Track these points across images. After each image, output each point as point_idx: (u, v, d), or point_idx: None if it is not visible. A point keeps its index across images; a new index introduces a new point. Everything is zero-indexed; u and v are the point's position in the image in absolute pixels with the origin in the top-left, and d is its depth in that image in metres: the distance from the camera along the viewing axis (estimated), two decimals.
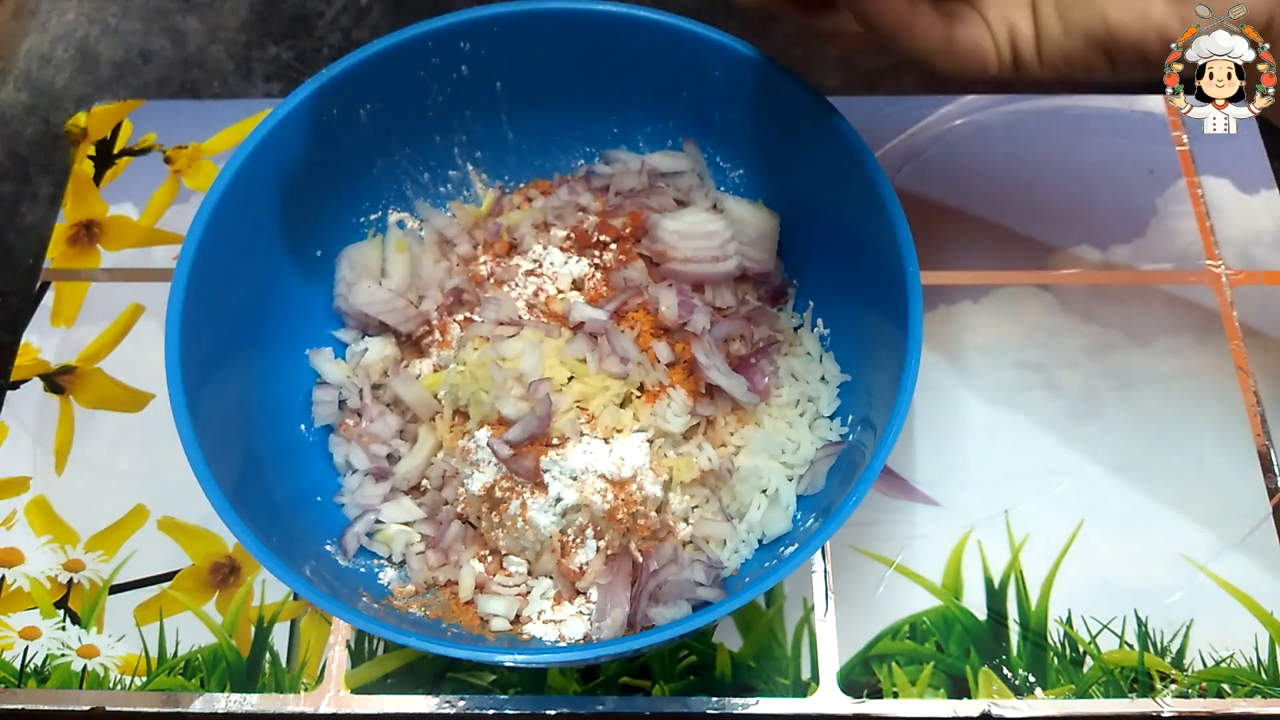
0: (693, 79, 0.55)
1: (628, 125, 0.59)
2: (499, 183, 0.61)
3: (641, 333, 0.54)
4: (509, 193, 0.61)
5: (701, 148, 0.59)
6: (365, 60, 0.52)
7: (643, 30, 0.53)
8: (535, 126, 0.59)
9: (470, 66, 0.55)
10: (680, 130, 0.59)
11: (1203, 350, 0.62)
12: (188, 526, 0.58)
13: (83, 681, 0.54)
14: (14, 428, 0.61)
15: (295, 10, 0.77)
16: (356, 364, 0.56)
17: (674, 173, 0.59)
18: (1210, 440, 0.59)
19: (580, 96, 0.57)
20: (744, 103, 0.55)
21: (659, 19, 0.53)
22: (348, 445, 0.55)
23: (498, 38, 0.54)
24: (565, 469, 0.50)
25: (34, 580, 0.57)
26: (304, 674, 0.54)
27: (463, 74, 0.55)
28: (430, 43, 0.53)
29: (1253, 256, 0.65)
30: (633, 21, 0.53)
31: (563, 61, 0.55)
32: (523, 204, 0.60)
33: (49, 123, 0.73)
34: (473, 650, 0.45)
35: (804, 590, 0.56)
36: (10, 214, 0.69)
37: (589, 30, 0.54)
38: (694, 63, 0.54)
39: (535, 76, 0.56)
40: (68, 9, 0.78)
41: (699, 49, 0.53)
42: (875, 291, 0.50)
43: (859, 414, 0.53)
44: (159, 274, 0.65)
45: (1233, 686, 0.53)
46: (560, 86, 0.57)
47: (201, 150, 0.69)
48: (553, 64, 0.55)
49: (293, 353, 0.56)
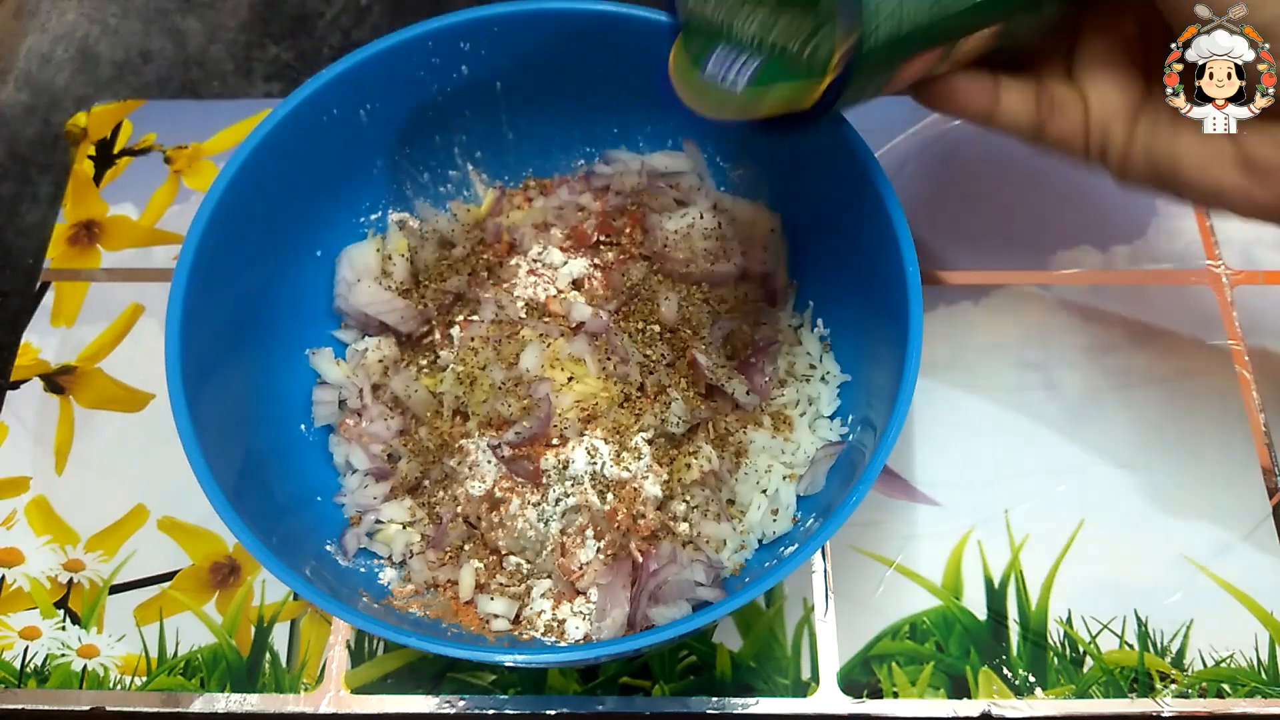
0: None
1: (628, 125, 0.59)
2: (499, 183, 0.61)
3: (641, 333, 0.54)
4: (508, 192, 0.61)
5: (701, 148, 0.59)
6: (365, 60, 0.52)
7: (642, 30, 0.53)
8: (535, 126, 0.59)
9: (470, 66, 0.55)
10: (680, 130, 0.59)
11: (1203, 350, 0.62)
12: (188, 526, 0.58)
13: (83, 681, 0.54)
14: (14, 428, 0.61)
15: (295, 10, 0.77)
16: (357, 364, 0.56)
17: (674, 172, 0.59)
18: (1210, 440, 0.59)
19: (580, 96, 0.57)
20: None
21: (658, 19, 0.53)
22: (348, 445, 0.55)
23: (498, 37, 0.54)
24: (565, 470, 0.50)
25: (34, 580, 0.57)
26: (304, 674, 0.54)
27: (463, 74, 0.55)
28: (430, 43, 0.53)
29: (1253, 256, 0.65)
30: (632, 21, 0.53)
31: (563, 61, 0.55)
32: (523, 204, 0.60)
33: (49, 123, 0.73)
34: (473, 650, 0.45)
35: (804, 590, 0.56)
36: (10, 214, 0.69)
37: (589, 30, 0.54)
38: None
39: (535, 76, 0.56)
40: (68, 9, 0.78)
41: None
42: (876, 291, 0.50)
43: (859, 414, 0.53)
44: (159, 274, 0.65)
45: (1233, 686, 0.53)
46: (560, 86, 0.57)
47: (201, 150, 0.69)
48: (553, 64, 0.55)
49: (293, 353, 0.56)
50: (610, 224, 0.57)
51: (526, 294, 0.55)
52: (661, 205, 0.58)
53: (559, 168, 0.61)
